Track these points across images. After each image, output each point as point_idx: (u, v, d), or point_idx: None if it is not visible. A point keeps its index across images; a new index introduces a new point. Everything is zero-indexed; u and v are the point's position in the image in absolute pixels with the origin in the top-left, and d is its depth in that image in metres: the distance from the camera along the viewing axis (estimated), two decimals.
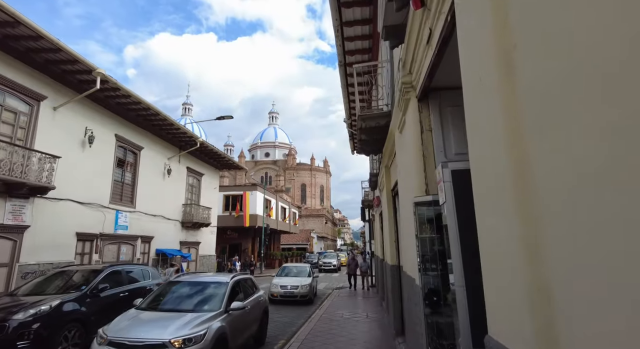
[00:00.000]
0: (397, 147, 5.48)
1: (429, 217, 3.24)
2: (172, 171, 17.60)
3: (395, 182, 7.19)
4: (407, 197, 4.26)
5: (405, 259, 5.09)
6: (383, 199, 9.27)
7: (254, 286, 8.11)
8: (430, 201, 3.16)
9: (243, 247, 36.03)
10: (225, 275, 7.31)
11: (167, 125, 15.73)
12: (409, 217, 4.11)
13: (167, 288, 6.72)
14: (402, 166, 4.91)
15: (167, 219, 17.21)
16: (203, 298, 6.25)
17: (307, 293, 13.65)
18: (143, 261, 15.43)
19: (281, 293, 13.64)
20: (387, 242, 8.59)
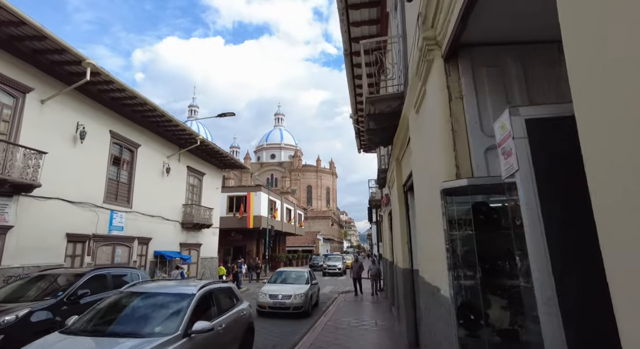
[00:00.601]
0: (413, 130, 4.70)
1: (463, 208, 2.45)
2: (172, 169, 16.96)
3: (408, 176, 6.41)
4: (429, 186, 3.47)
5: (424, 262, 4.29)
6: (393, 196, 8.47)
7: (234, 298, 6.65)
8: (466, 187, 2.37)
9: (247, 249, 35.34)
10: (193, 284, 5.63)
11: (165, 122, 15.08)
12: (431, 211, 3.33)
13: (112, 302, 5.10)
14: (420, 149, 4.13)
15: (166, 219, 16.55)
16: (156, 317, 4.67)
17: (301, 304, 11.41)
18: (140, 264, 14.77)
19: (270, 304, 11.47)
20: (398, 244, 7.79)
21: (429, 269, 3.73)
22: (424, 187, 4.03)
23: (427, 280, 3.89)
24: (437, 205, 2.94)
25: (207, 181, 20.63)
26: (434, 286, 3.32)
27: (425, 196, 3.80)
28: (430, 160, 3.45)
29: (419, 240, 4.58)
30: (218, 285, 6.21)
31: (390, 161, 8.10)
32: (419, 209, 4.52)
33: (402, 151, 6.76)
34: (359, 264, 17.06)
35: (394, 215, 8.49)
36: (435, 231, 3.19)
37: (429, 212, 3.54)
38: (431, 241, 3.48)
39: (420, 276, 4.51)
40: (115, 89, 11.97)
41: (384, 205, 11.60)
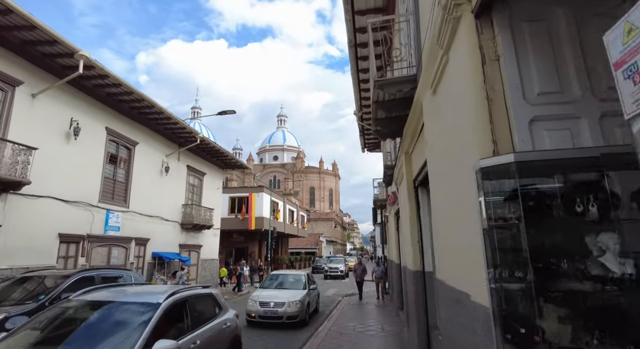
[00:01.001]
0: (429, 115, 4.20)
1: (505, 194, 1.94)
2: (171, 169, 16.50)
3: (419, 169, 5.90)
4: (453, 173, 2.96)
5: (445, 263, 3.77)
6: (402, 193, 7.95)
7: (216, 306, 5.56)
8: (511, 165, 1.85)
9: (249, 251, 34.86)
10: (161, 291, 4.64)
11: (163, 119, 14.63)
12: (458, 201, 2.81)
13: (54, 315, 4.03)
14: (438, 134, 3.62)
15: (164, 220, 16.08)
16: (105, 335, 3.61)
17: (296, 313, 9.95)
18: (137, 266, 14.30)
19: (260, 313, 9.99)
20: (407, 244, 7.26)
21: (453, 271, 3.21)
22: (444, 177, 3.51)
23: (449, 284, 3.37)
24: (467, 193, 2.42)
25: (207, 181, 20.17)
26: (461, 291, 2.80)
27: (448, 186, 3.29)
28: (454, 142, 2.93)
29: (439, 238, 4.06)
30: (194, 291, 5.09)
31: (399, 155, 7.58)
32: (438, 203, 4.00)
33: (412, 142, 6.25)
34: (362, 267, 16.21)
35: (403, 213, 7.96)
36: (463, 225, 2.68)
37: (453, 204, 3.02)
38: (457, 237, 2.96)
39: (439, 280, 3.98)
40: (111, 84, 11.53)
41: (390, 204, 11.07)
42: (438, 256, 4.17)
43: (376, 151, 21.81)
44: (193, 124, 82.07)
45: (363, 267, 16.13)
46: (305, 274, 12.22)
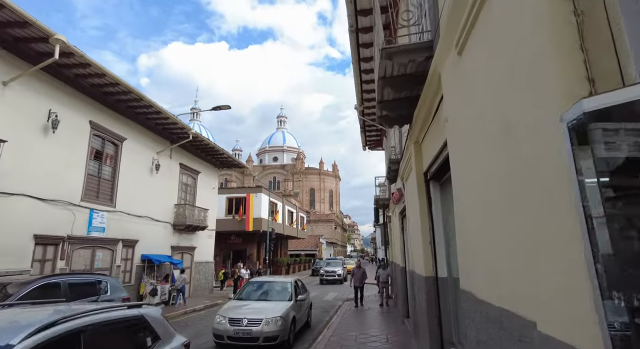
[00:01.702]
0: (450, 85, 3.38)
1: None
2: (162, 166, 15.67)
3: (433, 159, 5.06)
4: (509, 129, 2.11)
5: (475, 270, 2.91)
6: (410, 188, 7.11)
7: (149, 336, 3.70)
8: None
9: (247, 253, 33.99)
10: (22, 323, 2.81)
11: (153, 114, 13.81)
12: (514, 177, 1.97)
13: None
14: (472, 97, 2.76)
15: (155, 220, 15.24)
16: None
17: (276, 333, 7.76)
18: (125, 269, 13.45)
19: (230, 333, 7.71)
20: (417, 246, 6.41)
21: (493, 281, 2.35)
22: (478, 154, 2.67)
23: (484, 299, 2.52)
24: (529, 165, 1.58)
25: (202, 180, 19.34)
26: (510, 312, 1.95)
27: (489, 164, 2.43)
28: (500, 103, 2.10)
29: (466, 239, 3.20)
30: (106, 315, 3.25)
31: (407, 145, 6.72)
32: (467, 192, 3.15)
33: (424, 129, 5.41)
34: (361, 270, 14.71)
35: (410, 211, 7.11)
36: (521, 217, 1.83)
37: (501, 187, 2.18)
38: (507, 235, 2.11)
39: (467, 292, 3.13)
40: (94, 74, 10.71)
41: (395, 202, 10.23)
42: (464, 260, 3.33)
43: (378, 149, 20.98)
44: (192, 125, 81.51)
45: (363, 271, 14.76)
46: (292, 282, 9.93)
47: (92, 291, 6.63)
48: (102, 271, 12.07)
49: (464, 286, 3.26)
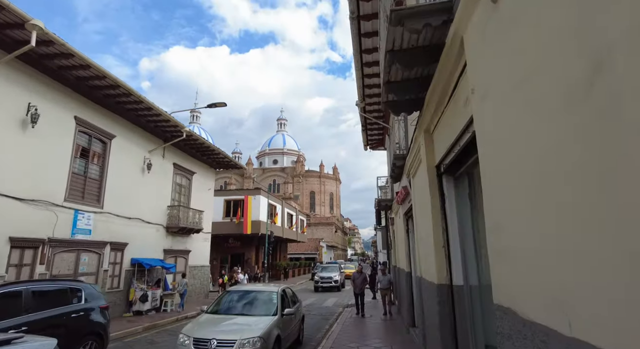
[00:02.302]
0: (481, 48, 2.67)
1: None
2: (154, 166, 14.97)
3: (447, 149, 4.38)
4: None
5: (514, 278, 2.19)
6: (418, 185, 6.40)
7: None
8: None
9: (246, 257, 33.25)
10: None
11: (144, 110, 13.13)
12: None
13: None
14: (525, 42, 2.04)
15: (146, 222, 14.52)
16: None
17: None
18: (113, 273, 12.71)
19: None
20: (427, 249, 5.70)
21: (568, 305, 1.63)
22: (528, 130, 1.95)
23: (560, 331, 1.80)
24: None
25: (197, 181, 18.64)
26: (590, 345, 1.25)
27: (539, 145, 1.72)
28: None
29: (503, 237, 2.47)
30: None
31: (415, 136, 6.01)
32: (504, 181, 2.42)
33: (437, 114, 4.71)
34: (363, 276, 13.49)
35: (420, 210, 6.39)
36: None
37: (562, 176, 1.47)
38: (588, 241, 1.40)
39: (504, 308, 2.41)
40: (78, 66, 10.04)
41: (399, 202, 9.51)
42: (501, 267, 2.60)
43: (379, 149, 20.32)
44: (192, 128, 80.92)
45: (364, 276, 13.50)
46: (278, 292, 8.03)
47: (62, 300, 5.90)
48: (88, 275, 11.36)
49: (501, 300, 2.54)
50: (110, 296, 12.27)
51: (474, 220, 4.70)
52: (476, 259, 4.67)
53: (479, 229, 4.60)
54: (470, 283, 4.78)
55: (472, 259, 4.74)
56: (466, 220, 4.85)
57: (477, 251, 4.65)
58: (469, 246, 4.79)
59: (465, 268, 4.84)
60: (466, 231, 4.86)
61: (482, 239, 4.52)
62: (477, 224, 4.61)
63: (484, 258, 4.47)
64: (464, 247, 4.88)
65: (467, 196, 4.83)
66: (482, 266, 4.48)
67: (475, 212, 4.65)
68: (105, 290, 12.10)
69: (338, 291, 23.45)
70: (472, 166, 4.41)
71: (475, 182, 4.68)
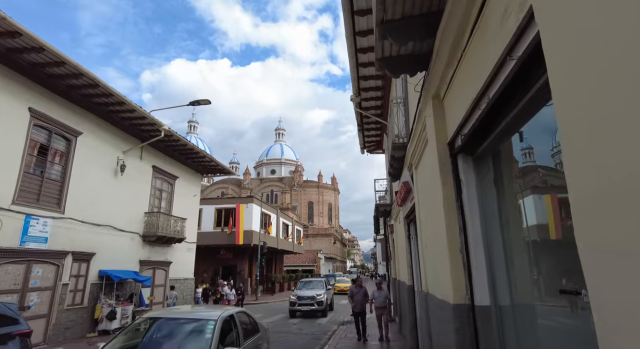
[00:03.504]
0: None
1: None
2: (130, 168, 13.60)
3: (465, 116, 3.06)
4: None
5: None
6: (424, 172, 5.04)
7: None
8: None
9: (238, 269, 31.61)
10: None
11: (115, 105, 11.83)
12: None
13: None
14: None
15: (119, 230, 13.08)
16: None
17: None
18: (76, 288, 11.19)
19: None
20: (437, 256, 4.31)
21: None
22: None
23: None
24: None
25: (181, 187, 17.23)
26: None
27: None
28: None
29: None
30: None
31: (420, 109, 4.63)
32: None
33: (450, 69, 3.38)
34: (362, 290, 10.88)
35: (427, 205, 4.99)
36: None
37: None
38: None
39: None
40: (30, 48, 8.77)
41: (400, 203, 8.11)
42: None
43: (377, 152, 19.00)
44: (190, 138, 79.98)
45: (364, 291, 10.92)
46: (218, 321, 5.08)
47: None
48: (42, 291, 9.88)
49: None
50: (70, 314, 10.77)
51: (503, 215, 3.33)
52: (507, 269, 3.28)
53: (510, 228, 3.24)
54: (501, 302, 3.40)
55: (502, 270, 3.35)
56: (492, 216, 3.48)
57: (509, 258, 3.27)
58: (498, 252, 3.41)
59: (493, 282, 3.47)
60: (493, 230, 3.49)
61: (518, 241, 3.15)
62: (508, 221, 3.25)
63: (520, 268, 3.10)
64: (490, 254, 3.50)
65: (493, 182, 3.48)
66: (519, 280, 3.11)
67: (505, 205, 3.29)
68: (64, 307, 10.60)
69: (323, 317, 16.85)
70: (502, 137, 3.08)
71: (503, 163, 3.33)
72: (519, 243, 3.12)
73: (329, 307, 18.44)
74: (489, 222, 3.54)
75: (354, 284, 11.39)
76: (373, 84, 12.32)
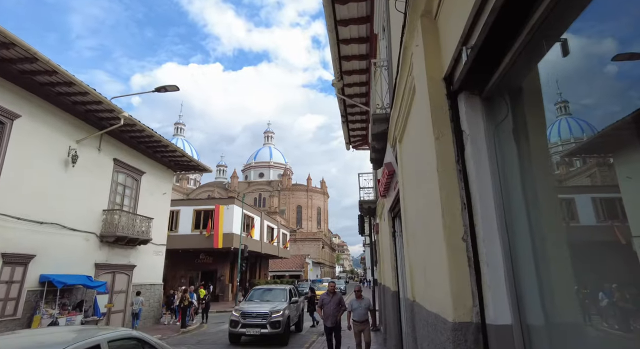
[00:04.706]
0: None
1: None
2: (84, 159, 12.07)
3: (467, 27, 1.70)
4: None
5: None
6: (414, 125, 3.75)
7: None
8: None
9: (219, 274, 30.00)
10: None
11: (62, 85, 10.34)
12: None
13: None
14: None
15: (69, 229, 11.52)
16: None
17: None
18: (8, 296, 9.59)
19: None
20: (430, 245, 2.99)
21: None
22: None
23: None
24: None
25: (148, 183, 15.70)
26: None
27: None
28: None
29: None
30: None
31: (406, 40, 3.27)
32: None
33: None
34: (336, 298, 8.53)
35: (413, 180, 3.67)
36: None
37: None
38: None
39: None
40: None
41: (383, 192, 6.78)
42: None
43: (363, 148, 17.80)
44: (175, 141, 77.82)
45: (339, 298, 8.58)
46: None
47: None
48: None
49: None
50: None
51: (531, 184, 2.06)
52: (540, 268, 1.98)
53: (544, 204, 1.98)
54: (530, 319, 2.09)
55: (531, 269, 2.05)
56: (513, 185, 2.20)
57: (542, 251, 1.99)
58: (523, 241, 2.12)
59: (516, 288, 2.16)
60: (515, 207, 2.20)
61: (557, 225, 1.89)
62: (541, 193, 1.99)
63: (563, 267, 1.83)
64: (511, 243, 2.20)
65: (512, 133, 2.21)
66: (560, 285, 1.85)
67: (536, 168, 2.03)
68: None
69: (281, 346, 11.02)
70: (527, 58, 1.83)
71: (531, 101, 2.07)
72: (559, 228, 1.85)
73: (295, 328, 13.29)
74: (508, 195, 2.25)
75: (326, 292, 8.80)
76: (357, 65, 11.07)
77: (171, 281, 26.94)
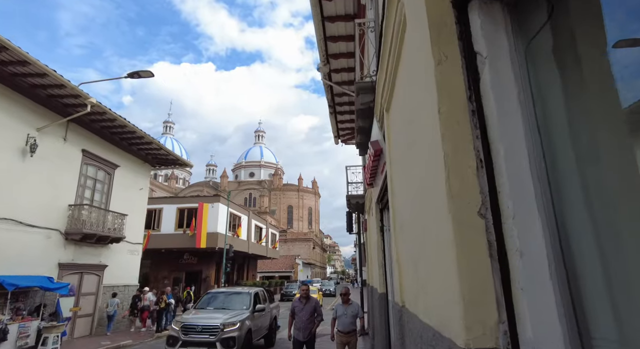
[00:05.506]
0: None
1: None
2: (46, 149, 11.01)
3: None
4: None
5: None
6: (406, 59, 2.87)
7: None
8: None
9: (204, 275, 28.86)
10: None
11: (17, 65, 9.30)
12: None
13: None
14: None
15: (27, 225, 10.45)
16: None
17: None
18: None
19: None
20: (427, 226, 2.11)
21: None
22: None
23: None
24: None
25: (123, 177, 14.64)
26: None
27: None
28: None
29: None
30: None
31: None
32: None
33: None
34: (311, 306, 6.68)
35: (406, 131, 2.82)
36: None
37: None
38: None
39: None
40: None
41: (369, 180, 5.92)
42: None
43: (352, 143, 16.95)
44: (164, 140, 76.29)
45: (313, 306, 6.70)
46: None
47: None
48: None
49: None
50: None
51: (581, 126, 1.16)
52: (606, 260, 1.11)
53: (603, 156, 1.07)
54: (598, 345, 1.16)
55: (595, 263, 1.16)
56: (559, 128, 1.30)
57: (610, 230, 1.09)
58: (581, 217, 1.22)
59: (574, 296, 1.24)
60: (563, 164, 1.29)
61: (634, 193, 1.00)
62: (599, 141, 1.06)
63: None
64: (561, 222, 1.30)
65: (553, 53, 1.32)
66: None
67: (588, 102, 1.11)
68: None
69: None
70: None
71: (579, 7, 1.17)
72: None
73: (264, 342, 10.85)
74: (550, 146, 1.37)
75: (299, 297, 6.89)
76: (344, 48, 10.18)
77: (154, 283, 25.79)
